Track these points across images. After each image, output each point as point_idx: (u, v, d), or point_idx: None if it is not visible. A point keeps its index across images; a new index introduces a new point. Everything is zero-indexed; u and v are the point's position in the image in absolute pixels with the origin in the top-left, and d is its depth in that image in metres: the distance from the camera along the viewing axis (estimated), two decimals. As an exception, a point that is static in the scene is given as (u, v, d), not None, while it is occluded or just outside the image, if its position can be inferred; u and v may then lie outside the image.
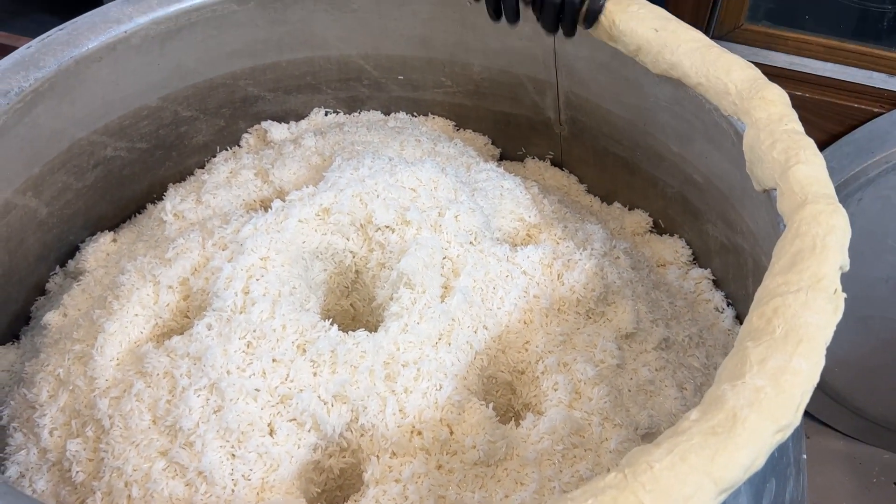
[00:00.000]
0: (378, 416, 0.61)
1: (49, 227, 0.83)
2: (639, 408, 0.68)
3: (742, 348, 0.48)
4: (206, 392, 0.61)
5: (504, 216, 0.82)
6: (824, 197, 0.56)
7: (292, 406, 0.61)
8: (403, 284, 0.69)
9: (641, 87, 0.80)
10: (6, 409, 0.71)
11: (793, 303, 0.49)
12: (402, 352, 0.64)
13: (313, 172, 0.85)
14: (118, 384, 0.65)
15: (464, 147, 0.96)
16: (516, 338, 0.69)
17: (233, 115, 0.97)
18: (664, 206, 0.91)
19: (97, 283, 0.81)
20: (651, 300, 0.79)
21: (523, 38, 0.87)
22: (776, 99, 0.65)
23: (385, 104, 1.03)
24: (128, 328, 0.69)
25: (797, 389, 0.45)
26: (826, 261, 0.52)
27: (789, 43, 1.04)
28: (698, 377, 0.76)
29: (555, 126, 0.96)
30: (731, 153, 0.71)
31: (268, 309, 0.65)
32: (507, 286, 0.71)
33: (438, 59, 0.95)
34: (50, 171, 0.80)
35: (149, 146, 0.91)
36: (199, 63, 0.88)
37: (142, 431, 0.61)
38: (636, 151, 0.89)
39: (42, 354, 0.73)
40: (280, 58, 0.93)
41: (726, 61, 0.66)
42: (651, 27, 0.66)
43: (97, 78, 0.78)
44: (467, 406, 0.63)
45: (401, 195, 0.76)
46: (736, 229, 0.78)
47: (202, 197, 0.83)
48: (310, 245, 0.73)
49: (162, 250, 0.75)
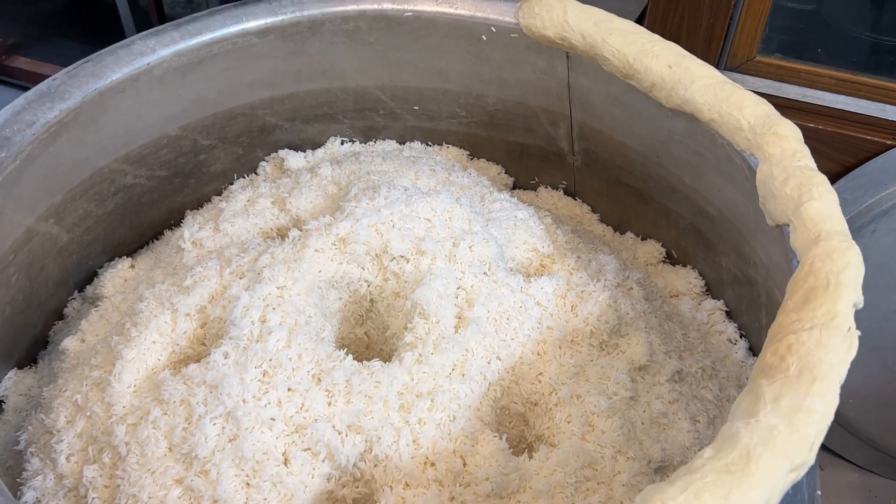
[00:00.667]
0: (392, 447, 0.61)
1: (69, 252, 0.85)
2: (652, 441, 0.68)
3: (756, 385, 0.48)
4: (222, 420, 0.62)
5: (518, 246, 0.83)
6: (838, 234, 0.57)
7: (307, 436, 0.61)
8: (417, 314, 0.70)
9: (654, 121, 0.81)
10: (24, 434, 0.71)
11: (806, 340, 0.50)
12: (417, 382, 0.65)
13: (330, 201, 0.86)
14: (135, 411, 0.66)
15: (478, 177, 0.97)
16: (530, 369, 0.69)
17: (251, 143, 0.98)
18: (677, 237, 0.92)
19: (115, 308, 0.82)
20: (664, 332, 0.80)
21: (537, 70, 0.89)
22: (789, 135, 0.66)
23: (400, 133, 1.04)
24: (145, 355, 0.70)
25: (811, 428, 0.45)
26: (840, 298, 0.52)
27: (801, 75, 1.05)
28: (711, 410, 0.76)
29: (568, 157, 0.97)
30: (744, 187, 0.72)
31: (284, 338, 0.66)
32: (521, 317, 0.72)
33: (453, 90, 0.96)
34: (72, 198, 0.81)
35: (168, 174, 0.92)
36: (218, 93, 0.89)
37: (158, 459, 0.62)
38: (649, 183, 0.90)
39: (60, 380, 0.74)
40: (298, 88, 0.95)
41: (739, 97, 0.66)
42: (665, 64, 0.67)
43: (120, 108, 0.80)
44: (480, 438, 0.63)
45: (416, 225, 0.76)
46: (749, 262, 0.78)
47: (220, 225, 0.84)
48: (326, 274, 0.74)
49: (180, 278, 0.76)
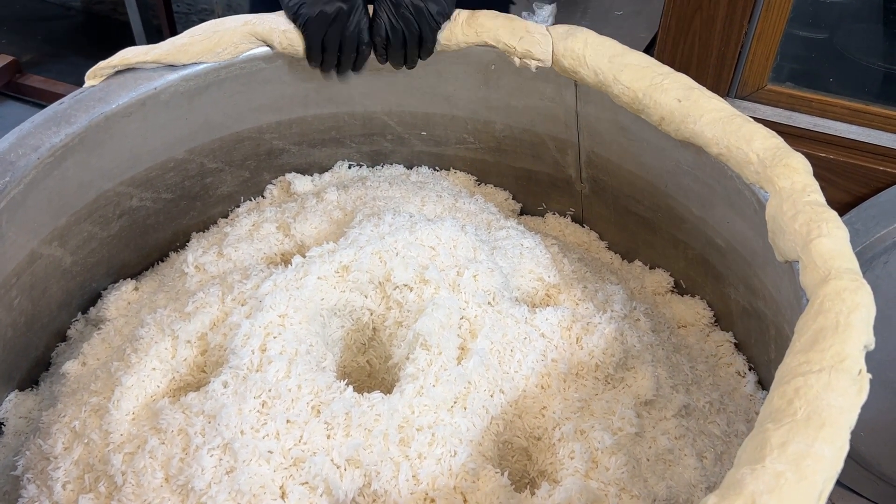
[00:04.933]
0: (391, 482, 0.60)
1: (73, 275, 0.85)
2: (657, 478, 0.67)
3: (762, 430, 0.47)
4: (220, 452, 0.61)
5: (523, 275, 0.82)
6: (848, 272, 0.56)
7: (305, 469, 0.60)
8: (420, 345, 0.69)
9: (663, 151, 0.80)
10: (21, 458, 0.71)
11: (815, 383, 0.48)
12: (417, 416, 0.64)
13: (335, 227, 0.86)
14: (133, 439, 0.65)
15: (484, 203, 0.96)
16: (533, 403, 0.68)
17: (257, 166, 0.98)
18: (685, 267, 0.91)
19: (117, 332, 0.82)
20: (671, 364, 0.78)
21: (546, 98, 0.88)
22: (799, 167, 0.65)
23: (408, 158, 1.04)
24: (144, 382, 0.69)
25: (819, 476, 0.44)
26: (850, 339, 0.51)
27: (813, 105, 1.04)
28: (719, 445, 0.74)
29: (576, 184, 0.97)
30: (753, 220, 0.71)
31: (284, 368, 0.65)
32: (525, 349, 0.71)
33: (461, 116, 0.96)
34: (76, 221, 0.81)
35: (174, 196, 0.92)
36: (226, 117, 0.89)
37: (154, 490, 0.61)
38: (657, 212, 0.89)
39: (59, 404, 0.74)
40: (306, 113, 0.95)
41: (748, 131, 0.66)
42: (674, 97, 0.67)
43: (126, 132, 0.80)
44: (482, 473, 0.62)
45: (420, 253, 0.76)
46: (758, 295, 0.77)
47: (224, 250, 0.84)
48: (328, 302, 0.74)
49: (182, 304, 0.75)
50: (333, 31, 0.83)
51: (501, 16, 0.84)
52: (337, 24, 0.83)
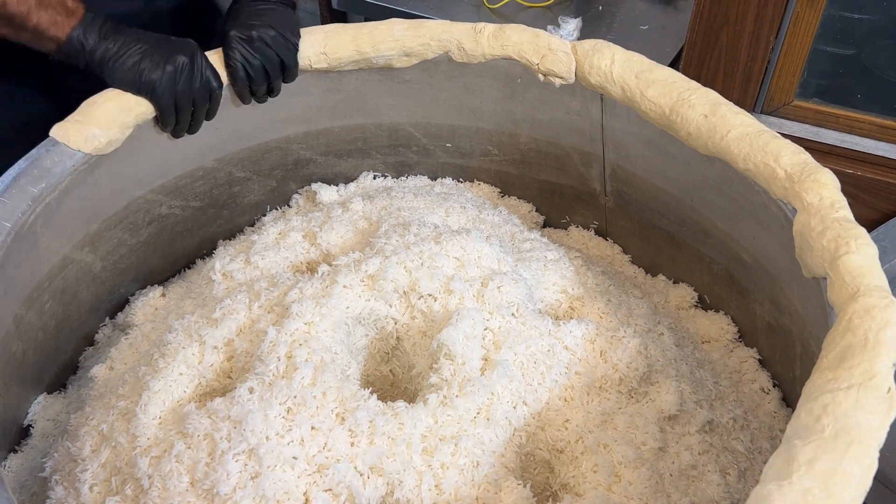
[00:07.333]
0: (414, 492, 0.60)
1: (102, 280, 0.86)
2: (680, 494, 0.67)
3: (790, 446, 0.47)
4: (245, 457, 0.61)
5: (547, 288, 0.82)
6: (877, 289, 0.55)
7: (328, 476, 0.61)
8: (444, 355, 0.69)
9: (688, 165, 0.80)
10: (49, 460, 0.72)
11: (843, 401, 0.48)
12: (441, 426, 0.64)
13: (360, 237, 0.86)
14: (159, 443, 0.66)
15: (508, 215, 0.96)
16: (556, 415, 0.68)
17: (284, 176, 0.99)
18: (710, 282, 0.90)
19: (144, 337, 0.83)
20: (695, 380, 0.78)
21: (571, 111, 0.89)
22: (828, 182, 0.65)
23: (432, 169, 1.04)
24: (172, 387, 0.70)
25: (847, 494, 0.44)
26: (878, 357, 0.50)
27: (840, 121, 1.03)
28: (742, 462, 0.74)
29: (600, 197, 0.97)
30: (779, 236, 0.70)
31: (309, 375, 0.66)
32: (549, 361, 0.71)
33: (486, 128, 0.97)
34: (107, 227, 0.83)
35: (202, 204, 0.93)
36: (254, 127, 0.91)
37: (179, 493, 0.62)
38: (682, 226, 0.88)
39: (87, 407, 0.75)
40: (333, 124, 0.96)
41: (776, 147, 0.66)
42: (701, 113, 0.67)
43: (157, 141, 0.82)
44: (504, 485, 0.62)
45: (445, 264, 0.76)
46: (784, 311, 0.76)
47: (251, 258, 0.84)
48: (353, 311, 0.74)
49: (209, 310, 0.76)
50: (183, 86, 0.76)
51: (528, 31, 0.85)
52: (184, 78, 0.76)
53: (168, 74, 0.74)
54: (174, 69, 0.75)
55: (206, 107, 0.80)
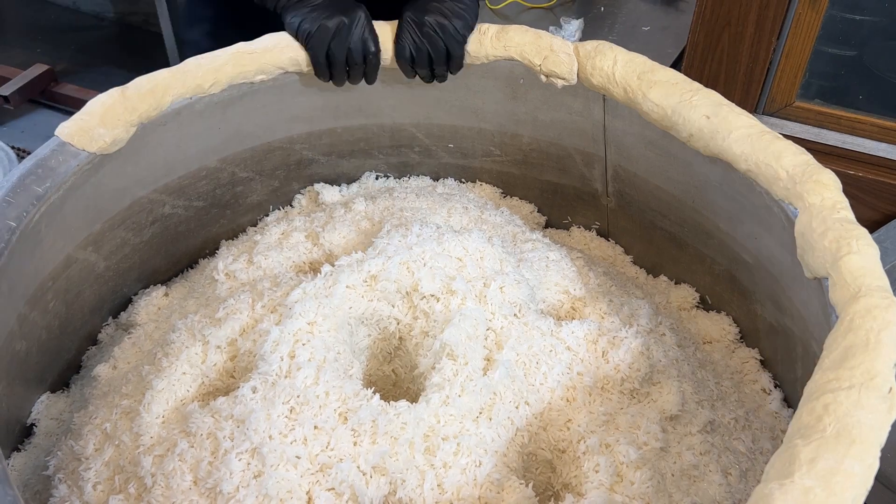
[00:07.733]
0: (416, 491, 0.61)
1: (105, 280, 0.86)
2: (682, 494, 0.67)
3: (791, 446, 0.47)
4: (248, 456, 0.62)
5: (549, 288, 0.82)
6: (878, 290, 0.55)
7: (331, 475, 0.61)
8: (446, 355, 0.70)
9: (690, 166, 0.80)
10: (53, 459, 0.72)
11: (844, 400, 0.48)
12: (443, 425, 0.64)
13: (362, 237, 0.86)
14: (162, 442, 0.66)
15: (510, 215, 0.97)
16: (558, 415, 0.68)
17: (287, 176, 0.99)
18: (711, 283, 0.90)
19: (147, 337, 0.83)
20: (697, 380, 0.78)
21: (573, 112, 0.89)
22: (830, 184, 0.65)
23: (434, 170, 1.05)
24: (175, 386, 0.70)
25: (849, 493, 0.44)
26: (880, 357, 0.51)
27: (842, 122, 1.03)
28: (744, 462, 0.74)
29: (602, 198, 0.97)
30: (781, 237, 0.71)
31: (312, 375, 0.66)
32: (551, 361, 0.71)
33: (488, 129, 0.97)
34: (110, 227, 0.83)
35: (205, 204, 0.94)
36: (258, 127, 0.91)
37: (183, 492, 0.62)
38: (684, 227, 0.89)
39: (90, 406, 0.75)
40: (336, 124, 0.96)
41: (778, 147, 0.66)
42: (703, 114, 0.67)
43: (161, 141, 0.82)
44: (506, 484, 0.62)
45: (447, 264, 0.76)
46: (786, 312, 0.76)
47: (254, 258, 0.85)
48: (356, 311, 0.74)
49: (212, 310, 0.77)
50: (337, 43, 0.82)
51: (530, 32, 0.85)
52: (339, 37, 0.82)
53: (322, 30, 0.81)
54: (330, 27, 0.81)
55: (361, 67, 0.85)
